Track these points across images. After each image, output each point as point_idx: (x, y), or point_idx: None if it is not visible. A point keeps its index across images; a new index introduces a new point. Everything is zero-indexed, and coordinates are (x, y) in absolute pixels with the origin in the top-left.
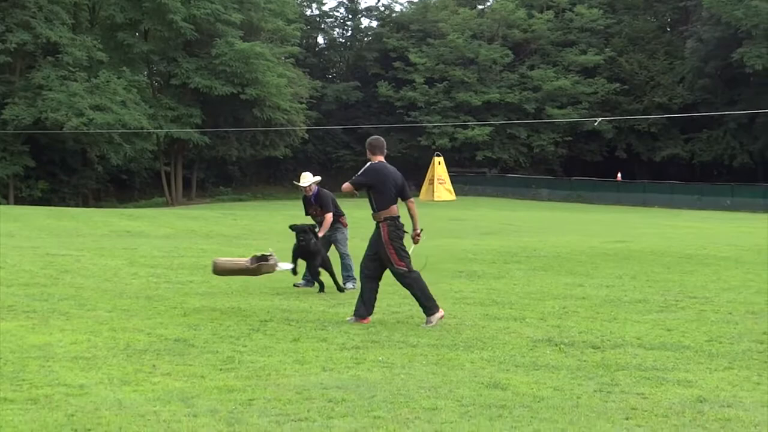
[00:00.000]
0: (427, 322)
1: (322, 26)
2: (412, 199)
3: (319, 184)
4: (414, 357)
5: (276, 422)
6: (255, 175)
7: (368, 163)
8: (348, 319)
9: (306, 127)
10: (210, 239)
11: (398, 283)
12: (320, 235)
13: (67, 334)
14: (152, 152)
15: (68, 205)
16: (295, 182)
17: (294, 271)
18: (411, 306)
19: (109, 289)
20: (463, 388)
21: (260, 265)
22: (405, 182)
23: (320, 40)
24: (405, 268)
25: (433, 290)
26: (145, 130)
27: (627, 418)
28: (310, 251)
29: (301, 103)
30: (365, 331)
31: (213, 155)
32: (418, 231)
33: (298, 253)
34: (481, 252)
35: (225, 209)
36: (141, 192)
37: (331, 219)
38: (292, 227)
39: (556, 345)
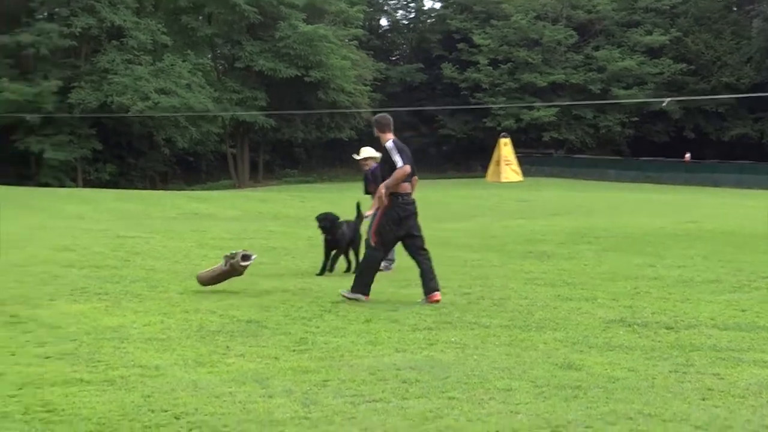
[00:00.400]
0: (344, 291)
1: (385, 8)
2: (416, 177)
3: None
4: (487, 338)
5: (351, 403)
6: (321, 157)
7: (390, 142)
8: (420, 300)
9: (370, 110)
10: (278, 221)
11: (409, 254)
12: (369, 213)
13: (141, 316)
14: (218, 135)
15: (136, 188)
16: (353, 156)
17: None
18: (482, 286)
19: (179, 271)
20: (536, 369)
21: (231, 264)
22: None
23: (383, 22)
24: (374, 245)
25: (502, 271)
26: (210, 113)
27: (703, 399)
28: (337, 243)
29: (366, 85)
30: (437, 312)
31: (278, 138)
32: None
33: (327, 246)
34: (550, 233)
35: (292, 191)
36: (208, 174)
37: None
38: (317, 218)
39: (629, 325)
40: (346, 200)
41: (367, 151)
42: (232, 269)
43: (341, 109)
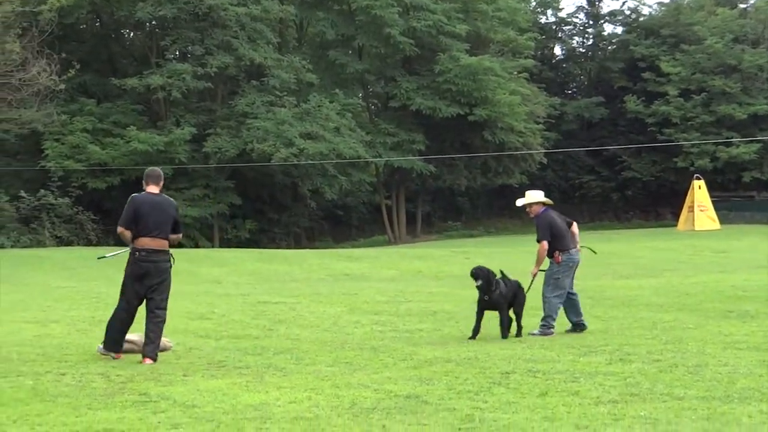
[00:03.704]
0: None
1: (559, 35)
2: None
3: (549, 206)
4: (681, 411)
5: None
6: (487, 206)
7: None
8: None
9: (544, 150)
10: (440, 281)
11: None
12: (533, 271)
13: (285, 392)
14: (371, 184)
15: (279, 247)
16: (516, 202)
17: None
18: (675, 352)
19: (329, 341)
20: None
21: None
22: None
23: (557, 50)
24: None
25: (697, 333)
26: (362, 160)
27: None
28: (493, 304)
29: (538, 123)
30: (623, 382)
31: (439, 185)
32: None
33: (481, 306)
34: (753, 288)
35: (455, 246)
36: (359, 229)
37: (544, 251)
38: (472, 274)
39: None
40: (517, 255)
41: (531, 196)
42: None
43: (510, 151)
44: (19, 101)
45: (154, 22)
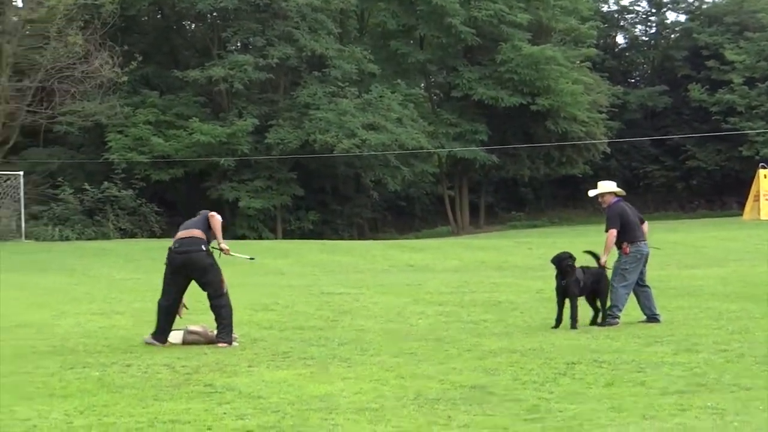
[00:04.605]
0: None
1: (622, 23)
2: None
3: (620, 196)
4: (748, 402)
5: None
6: (550, 197)
7: None
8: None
9: (607, 140)
10: (503, 271)
11: None
12: (602, 259)
13: (350, 383)
14: (433, 175)
15: (342, 238)
16: (588, 192)
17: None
18: (742, 342)
19: (393, 331)
20: None
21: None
22: None
23: (620, 39)
24: None
25: (765, 323)
26: (424, 150)
27: None
28: (568, 291)
29: (601, 112)
30: (689, 373)
31: (502, 176)
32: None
33: (559, 293)
34: None
35: (518, 237)
36: (422, 220)
37: (613, 238)
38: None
39: None
40: (582, 245)
41: (603, 186)
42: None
43: (573, 140)
44: (82, 94)
45: (215, 14)
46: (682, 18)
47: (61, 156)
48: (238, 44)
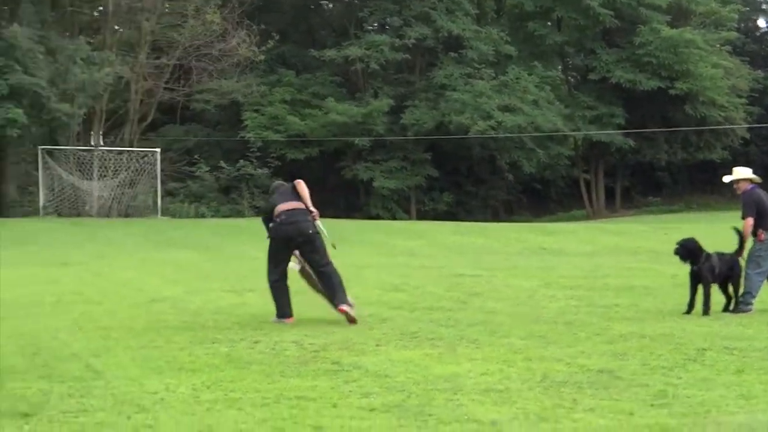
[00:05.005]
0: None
1: (764, 6)
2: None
3: (756, 183)
4: None
5: None
6: (688, 182)
7: None
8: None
9: (747, 126)
10: (637, 256)
11: None
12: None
13: (477, 364)
14: (569, 158)
15: (476, 219)
16: (723, 178)
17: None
18: None
19: (523, 314)
20: None
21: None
22: None
23: (761, 23)
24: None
25: None
26: (560, 133)
27: None
28: (700, 276)
29: (740, 97)
30: None
31: (638, 160)
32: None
33: (692, 279)
34: None
35: (654, 222)
36: (557, 204)
37: (749, 227)
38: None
39: None
40: (719, 232)
41: (738, 172)
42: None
43: (712, 125)
44: (219, 72)
45: None
46: None
47: (197, 133)
48: (375, 24)
